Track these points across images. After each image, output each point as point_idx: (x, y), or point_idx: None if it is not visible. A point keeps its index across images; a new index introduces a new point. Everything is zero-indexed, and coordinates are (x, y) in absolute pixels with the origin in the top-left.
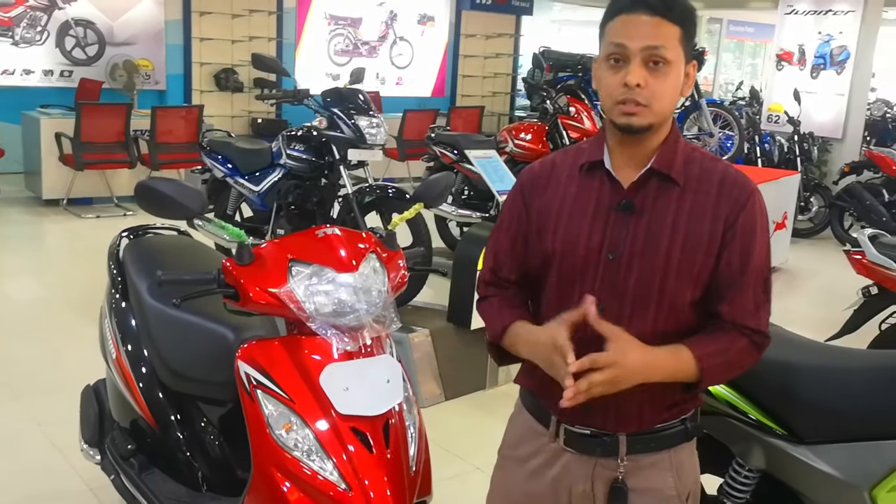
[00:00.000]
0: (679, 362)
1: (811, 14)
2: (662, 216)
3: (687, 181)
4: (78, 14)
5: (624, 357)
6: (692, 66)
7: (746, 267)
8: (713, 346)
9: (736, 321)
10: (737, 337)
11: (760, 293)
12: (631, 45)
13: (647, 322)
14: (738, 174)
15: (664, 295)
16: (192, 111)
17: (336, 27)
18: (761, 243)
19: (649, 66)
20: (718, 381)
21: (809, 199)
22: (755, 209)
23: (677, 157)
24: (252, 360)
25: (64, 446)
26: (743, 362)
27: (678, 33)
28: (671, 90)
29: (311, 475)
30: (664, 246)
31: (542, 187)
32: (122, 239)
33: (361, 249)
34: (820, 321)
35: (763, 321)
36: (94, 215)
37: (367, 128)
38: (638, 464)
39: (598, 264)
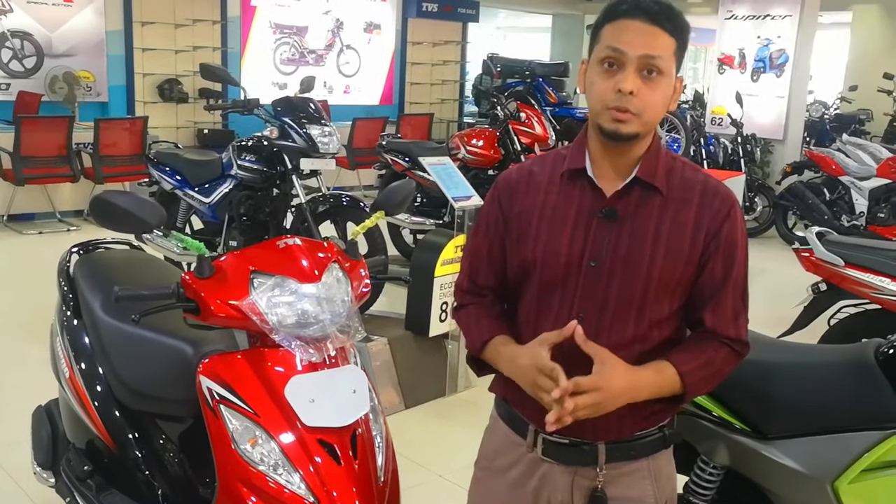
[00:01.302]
0: (663, 380)
1: (750, 19)
2: (645, 225)
3: (669, 190)
4: (14, 25)
5: (609, 382)
6: (679, 81)
7: (728, 277)
8: (697, 360)
9: (717, 331)
10: (718, 347)
11: (740, 302)
12: (629, 51)
13: (626, 330)
14: (718, 185)
15: (645, 303)
16: (136, 123)
17: (281, 36)
18: (742, 254)
19: (643, 74)
20: (702, 392)
21: (754, 199)
22: (737, 220)
23: (659, 166)
24: (214, 375)
25: (14, 470)
26: (724, 371)
27: (674, 45)
28: (662, 101)
29: (277, 489)
30: (647, 254)
31: (520, 194)
32: (72, 255)
33: (323, 259)
34: (769, 318)
35: (743, 330)
36: (37, 231)
37: (319, 136)
38: (617, 472)
39: (579, 272)
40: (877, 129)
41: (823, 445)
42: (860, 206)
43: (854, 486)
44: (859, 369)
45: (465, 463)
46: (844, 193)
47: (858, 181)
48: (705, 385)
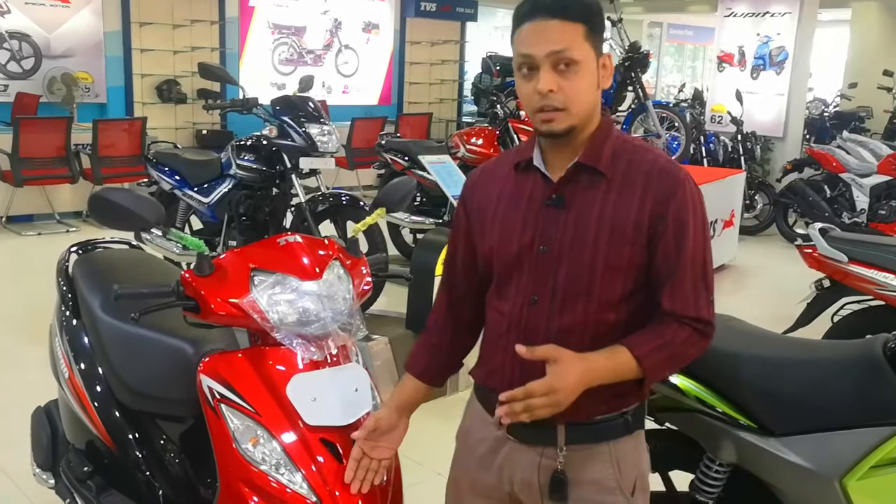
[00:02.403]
0: (618, 365)
1: (749, 16)
2: (589, 209)
3: (615, 174)
4: (12, 27)
5: (563, 381)
6: (607, 58)
7: (681, 257)
8: (653, 342)
9: (676, 312)
10: (678, 329)
11: (699, 282)
12: (536, 52)
13: (577, 313)
14: (667, 164)
15: (593, 287)
16: (134, 124)
17: (280, 36)
18: (696, 232)
19: (559, 69)
20: (665, 374)
21: (754, 196)
22: (686, 198)
23: (605, 150)
24: (215, 374)
25: (13, 472)
26: (688, 353)
27: (582, 31)
28: (585, 89)
29: (279, 489)
30: (591, 238)
31: (480, 188)
32: (71, 254)
33: (324, 256)
34: (770, 316)
35: (703, 309)
36: (36, 233)
37: (318, 135)
38: (577, 454)
39: (530, 258)
40: (877, 126)
41: (831, 442)
42: (861, 203)
43: (863, 483)
44: (868, 365)
45: None
46: (845, 190)
47: (859, 178)
48: (666, 367)
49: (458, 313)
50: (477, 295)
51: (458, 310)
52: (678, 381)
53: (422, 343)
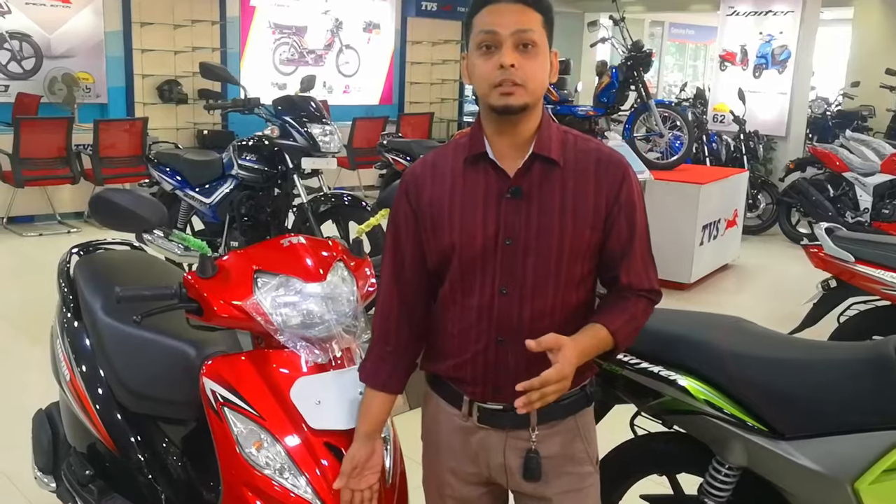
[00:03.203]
0: (599, 342)
1: (752, 15)
2: (550, 198)
3: (566, 162)
4: (13, 27)
5: (570, 366)
6: (555, 55)
7: (633, 235)
8: (622, 316)
9: (633, 286)
10: (636, 301)
11: (647, 256)
12: (501, 30)
13: (546, 299)
14: (611, 152)
15: (560, 272)
16: (135, 124)
17: (281, 36)
18: (640, 212)
19: (519, 48)
20: (630, 344)
21: (757, 196)
22: (632, 182)
23: (553, 140)
24: (218, 377)
25: (13, 475)
26: (643, 320)
27: (541, 19)
28: (541, 70)
29: (283, 493)
30: (556, 225)
31: (427, 185)
32: (72, 255)
33: (328, 258)
34: (774, 316)
35: (654, 281)
36: (37, 233)
37: (320, 136)
38: (548, 432)
39: (495, 251)
40: (879, 125)
41: (843, 445)
42: (864, 203)
43: (875, 487)
44: (880, 367)
45: None
46: (848, 190)
47: (862, 177)
48: (631, 337)
49: (410, 315)
50: (427, 294)
51: (410, 311)
52: (686, 383)
53: (377, 353)
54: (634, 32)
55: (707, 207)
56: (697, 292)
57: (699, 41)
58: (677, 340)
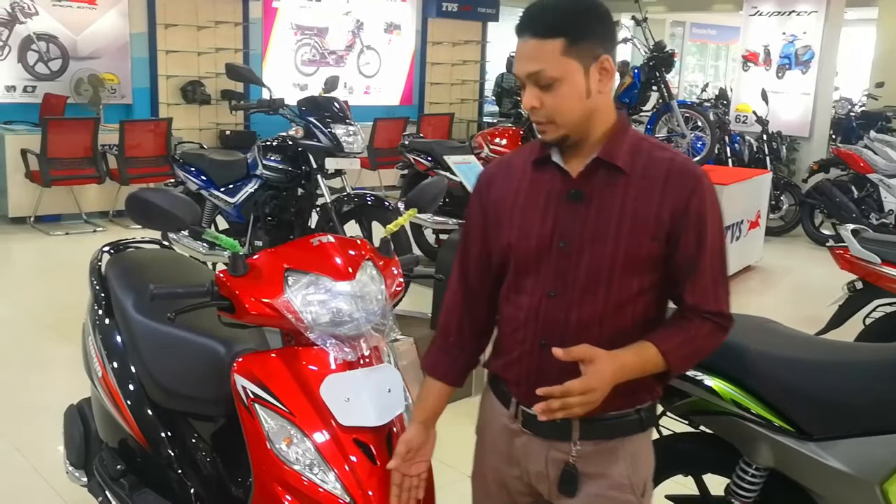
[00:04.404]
0: (646, 361)
1: (775, 15)
2: (610, 203)
3: (634, 169)
4: (40, 28)
5: (599, 381)
6: (605, 60)
7: (702, 252)
8: (678, 337)
9: (698, 307)
10: (700, 324)
11: (718, 276)
12: (519, 73)
13: (595, 306)
14: (686, 162)
15: (612, 280)
16: (160, 124)
17: (302, 37)
18: (714, 227)
19: (541, 86)
20: (686, 368)
21: (780, 197)
22: (704, 194)
23: (623, 147)
24: (249, 374)
25: (45, 470)
26: (708, 346)
27: (559, 46)
28: (569, 102)
29: (312, 488)
30: (612, 232)
31: (497, 183)
32: (103, 254)
33: (357, 257)
34: (798, 317)
35: (724, 303)
36: (63, 232)
37: (343, 136)
38: (591, 449)
39: (549, 253)
40: None
41: (872, 446)
42: (889, 204)
43: None
44: None
45: None
46: (873, 191)
47: (887, 179)
48: (688, 361)
49: (473, 311)
50: (492, 291)
51: (473, 307)
52: (713, 383)
53: (438, 345)
54: (655, 32)
55: (729, 208)
56: None
57: (721, 41)
58: None
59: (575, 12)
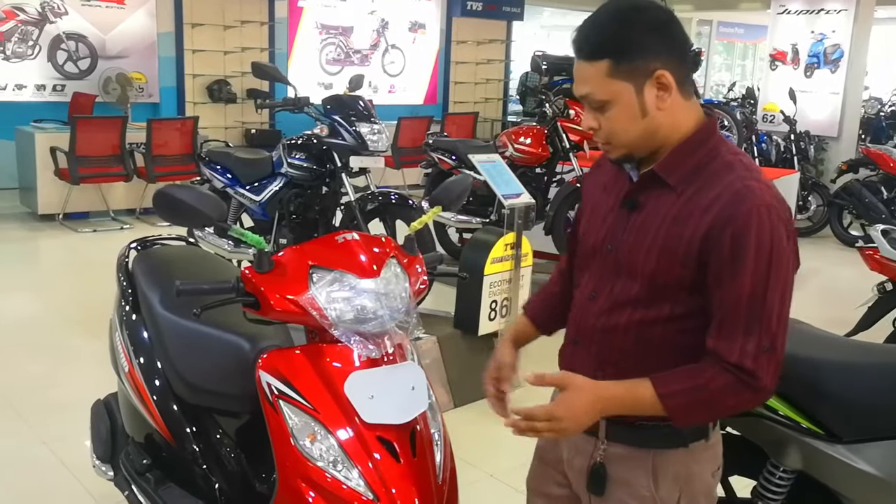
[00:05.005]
0: (636, 399)
1: (804, 13)
2: (654, 218)
3: (686, 188)
4: (69, 28)
5: (565, 410)
6: (661, 76)
7: (733, 292)
8: (684, 383)
9: (718, 353)
10: (718, 374)
11: (755, 326)
12: (577, 94)
13: (622, 318)
14: (744, 189)
15: (641, 297)
16: (187, 123)
17: (327, 36)
18: (757, 268)
19: (595, 107)
20: (699, 420)
21: (808, 198)
22: (750, 226)
23: (686, 162)
24: (274, 370)
25: (71, 463)
26: (726, 402)
27: (606, 68)
28: (622, 124)
29: (335, 485)
30: (646, 247)
31: (593, 174)
32: (130, 250)
33: (382, 254)
34: (826, 319)
35: (748, 358)
36: (91, 229)
37: (368, 134)
38: (617, 452)
39: (599, 254)
40: None
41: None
42: None
43: None
44: None
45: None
46: None
47: None
48: (698, 412)
49: (569, 277)
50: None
51: (570, 274)
52: None
53: (542, 287)
54: None
55: None
56: None
57: (748, 40)
58: None
59: (620, 29)
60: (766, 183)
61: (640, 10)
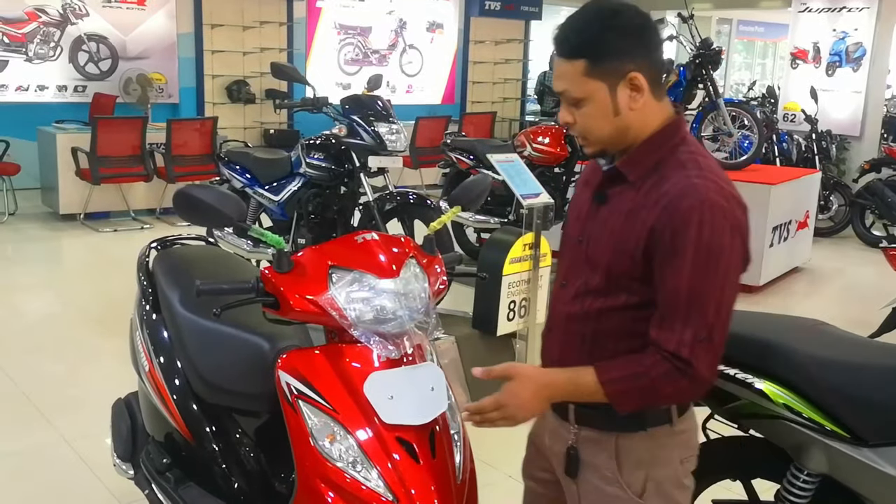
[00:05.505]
0: (579, 386)
1: (825, 11)
2: (615, 211)
3: (643, 183)
4: (91, 29)
5: (512, 398)
6: (634, 77)
7: (673, 285)
8: (625, 370)
9: (659, 342)
10: (657, 362)
11: (693, 317)
12: (555, 89)
13: (583, 305)
14: (690, 187)
15: (601, 287)
16: (206, 123)
17: (346, 36)
18: (696, 262)
19: (571, 104)
20: (638, 405)
21: (829, 197)
22: (690, 222)
23: (647, 159)
24: (293, 370)
25: (92, 462)
26: (664, 390)
27: (582, 67)
28: (597, 121)
29: (354, 485)
30: (605, 238)
31: (583, 172)
32: (151, 250)
33: (400, 254)
34: (847, 320)
35: (685, 347)
36: (112, 229)
37: (387, 134)
38: (587, 436)
39: (573, 245)
40: None
41: None
42: None
43: None
44: None
45: None
46: None
47: None
48: (637, 398)
49: None
50: None
51: None
52: (764, 386)
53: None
54: (701, 30)
55: (777, 209)
56: (767, 295)
57: (768, 38)
58: (755, 343)
59: (598, 32)
60: (715, 181)
61: (618, 14)
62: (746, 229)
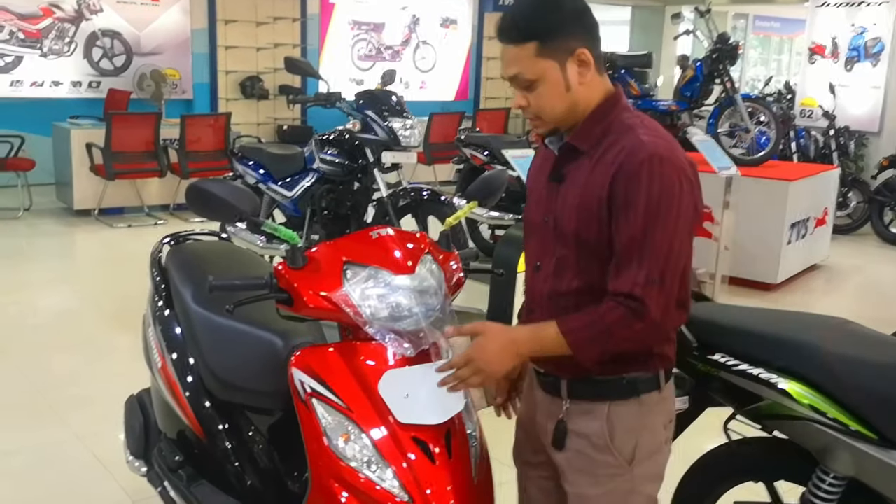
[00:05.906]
0: (542, 338)
1: (843, 6)
2: (573, 187)
3: (596, 152)
4: (105, 25)
5: (481, 352)
6: (581, 53)
7: (627, 235)
8: (584, 318)
9: (614, 290)
10: (612, 307)
11: (646, 262)
12: (504, 76)
13: (563, 282)
14: (637, 143)
15: (579, 261)
16: (219, 119)
17: (359, 32)
18: (647, 212)
19: (523, 86)
20: (596, 354)
21: (847, 194)
22: (640, 176)
23: (595, 129)
24: (307, 368)
25: (105, 458)
26: (619, 333)
27: (532, 49)
28: (550, 100)
29: (369, 486)
30: (573, 213)
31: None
32: (163, 245)
33: (417, 251)
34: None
35: (638, 286)
36: (126, 225)
37: (400, 130)
38: (578, 408)
39: (538, 227)
40: None
41: None
42: None
43: None
44: None
45: None
46: None
47: None
48: (596, 345)
49: None
50: None
51: None
52: (788, 386)
53: None
54: (717, 25)
55: (795, 205)
56: (784, 293)
57: (785, 34)
58: (779, 341)
59: (545, 14)
60: (662, 137)
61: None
62: (696, 182)
